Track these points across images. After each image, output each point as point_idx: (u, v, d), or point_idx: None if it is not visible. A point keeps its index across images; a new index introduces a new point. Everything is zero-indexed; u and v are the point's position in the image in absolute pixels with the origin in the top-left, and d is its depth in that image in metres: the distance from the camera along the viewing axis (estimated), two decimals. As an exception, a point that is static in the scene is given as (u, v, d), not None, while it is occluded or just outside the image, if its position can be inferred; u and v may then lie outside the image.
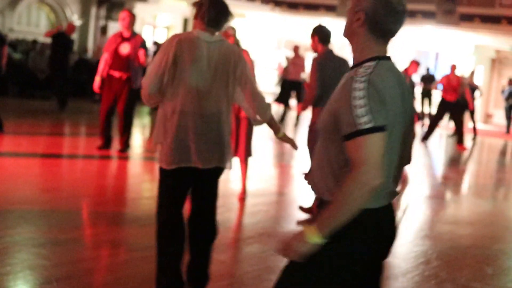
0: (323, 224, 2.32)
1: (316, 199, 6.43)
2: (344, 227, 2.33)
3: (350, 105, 2.32)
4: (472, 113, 18.30)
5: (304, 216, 6.66)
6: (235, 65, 4.07)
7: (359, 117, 2.29)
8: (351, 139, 2.31)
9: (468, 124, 18.11)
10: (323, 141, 2.52)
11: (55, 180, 7.92)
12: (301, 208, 6.90)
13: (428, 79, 20.43)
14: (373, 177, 2.27)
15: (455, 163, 14.01)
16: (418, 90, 19.41)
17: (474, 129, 18.67)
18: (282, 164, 10.98)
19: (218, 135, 4.07)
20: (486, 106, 26.46)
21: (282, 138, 4.34)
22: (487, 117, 26.56)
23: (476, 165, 14.63)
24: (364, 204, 2.31)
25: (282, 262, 5.37)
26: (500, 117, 24.72)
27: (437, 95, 17.95)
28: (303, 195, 7.60)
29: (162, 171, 4.13)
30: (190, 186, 4.20)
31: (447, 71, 15.57)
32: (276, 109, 16.36)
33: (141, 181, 8.66)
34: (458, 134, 15.19)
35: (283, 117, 16.23)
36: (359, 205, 2.30)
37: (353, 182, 2.27)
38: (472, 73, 19.51)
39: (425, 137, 15.26)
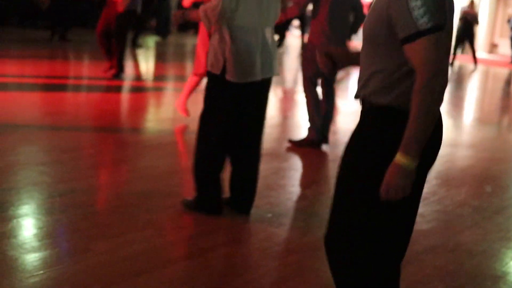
0: (409, 147, 2.19)
1: (310, 132, 6.41)
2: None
3: (407, 7, 2.21)
4: (471, 42, 18.16)
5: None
6: None
7: (418, 18, 2.17)
8: (411, 42, 2.20)
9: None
10: (369, 50, 2.41)
11: (58, 104, 7.94)
12: (290, 142, 6.80)
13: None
14: (442, 79, 2.18)
15: (459, 90, 13.98)
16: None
17: (474, 57, 18.56)
18: (285, 89, 11.01)
19: (273, 46, 4.33)
20: (491, 35, 26.20)
21: None
22: (492, 47, 26.33)
23: (479, 93, 14.59)
24: (439, 110, 2.23)
25: (283, 180, 5.47)
26: (505, 47, 24.52)
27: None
28: (304, 120, 7.62)
29: (223, 87, 4.18)
30: (244, 102, 4.32)
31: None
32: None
33: (145, 106, 8.69)
34: None
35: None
36: (438, 111, 2.22)
37: (426, 90, 2.16)
38: (472, 2, 19.17)
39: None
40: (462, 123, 9.97)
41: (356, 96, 2.47)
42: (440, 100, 2.20)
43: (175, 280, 3.41)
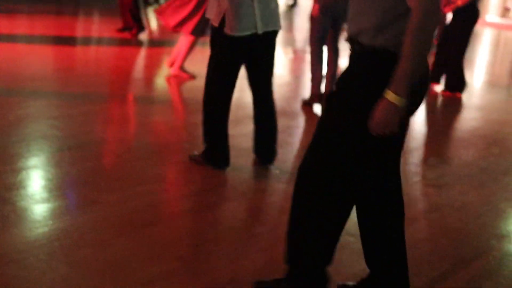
0: (400, 85, 2.21)
1: (312, 87, 6.39)
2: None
3: None
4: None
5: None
6: None
7: None
8: None
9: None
10: None
11: (68, 59, 7.94)
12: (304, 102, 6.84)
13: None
14: (435, 18, 2.17)
15: (470, 54, 13.87)
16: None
17: None
18: (295, 50, 10.97)
19: (275, 1, 4.34)
20: (505, -1, 25.86)
21: None
22: (505, 11, 26.02)
23: (490, 56, 14.48)
24: (430, 51, 2.24)
25: (290, 137, 5.49)
26: (518, 11, 24.20)
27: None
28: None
29: (223, 40, 4.18)
30: (246, 57, 4.34)
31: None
32: None
33: (155, 62, 8.68)
34: None
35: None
36: (427, 53, 2.22)
37: (420, 30, 2.16)
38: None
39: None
40: (471, 85, 9.93)
41: (348, 38, 2.48)
42: (430, 40, 2.20)
43: (183, 233, 3.45)
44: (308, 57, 6.91)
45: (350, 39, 2.45)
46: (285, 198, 4.09)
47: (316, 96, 6.66)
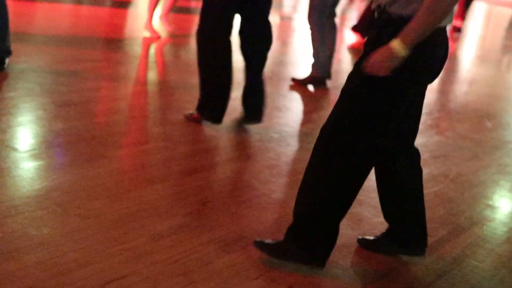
0: (408, 36, 2.34)
1: (313, 68, 6.33)
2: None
3: None
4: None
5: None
6: None
7: None
8: None
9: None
10: None
11: (70, 16, 7.94)
12: (294, 80, 6.42)
13: None
14: None
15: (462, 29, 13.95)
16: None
17: None
18: (283, 14, 11.00)
19: None
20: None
21: None
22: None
23: (483, 31, 14.57)
24: (444, 18, 2.35)
25: (290, 102, 5.57)
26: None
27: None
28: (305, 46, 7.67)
29: None
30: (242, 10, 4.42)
31: None
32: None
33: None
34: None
35: None
36: (441, 18, 2.34)
37: None
38: None
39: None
40: (464, 59, 10.02)
41: (376, 6, 2.56)
42: (446, 11, 2.32)
43: (187, 191, 3.53)
44: (295, 24, 6.90)
45: (378, 7, 2.54)
46: (286, 162, 4.19)
47: (316, 78, 6.27)
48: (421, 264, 3.05)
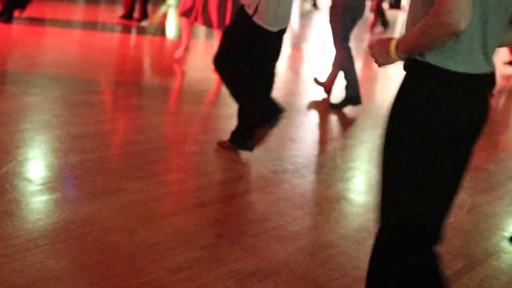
0: (401, 44, 2.28)
1: (348, 90, 6.45)
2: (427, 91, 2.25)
3: None
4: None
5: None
6: None
7: None
8: None
9: None
10: (416, 6, 2.42)
11: (81, 48, 8.02)
12: (316, 80, 7.06)
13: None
14: (453, 18, 2.12)
15: None
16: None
17: None
18: (296, 47, 11.07)
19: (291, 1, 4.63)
20: None
21: None
22: None
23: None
24: (440, 43, 2.20)
25: (303, 133, 5.60)
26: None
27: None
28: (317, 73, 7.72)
29: (252, 29, 4.45)
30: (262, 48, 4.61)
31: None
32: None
33: (162, 52, 8.76)
34: None
35: None
36: (434, 41, 2.19)
37: (433, 17, 2.16)
38: None
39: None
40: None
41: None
42: (440, 36, 2.16)
43: (203, 223, 3.54)
44: (307, 54, 7.01)
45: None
46: (301, 193, 4.20)
47: (353, 98, 6.56)
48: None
